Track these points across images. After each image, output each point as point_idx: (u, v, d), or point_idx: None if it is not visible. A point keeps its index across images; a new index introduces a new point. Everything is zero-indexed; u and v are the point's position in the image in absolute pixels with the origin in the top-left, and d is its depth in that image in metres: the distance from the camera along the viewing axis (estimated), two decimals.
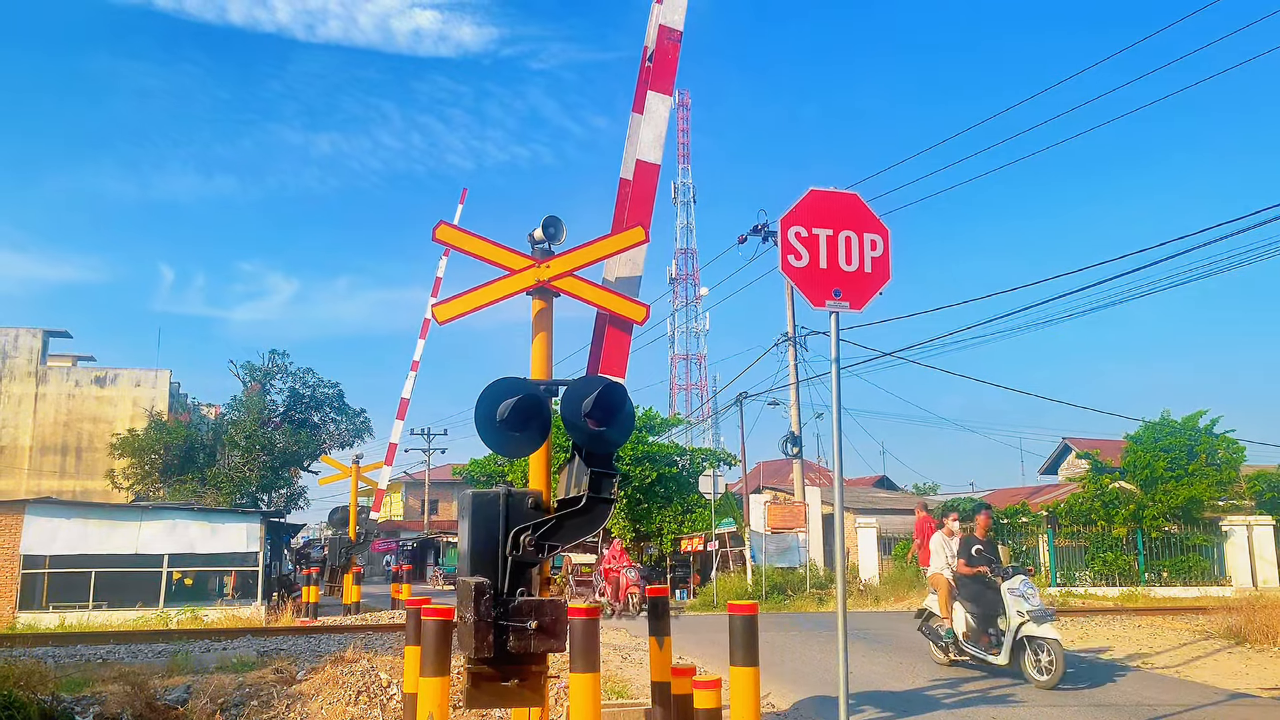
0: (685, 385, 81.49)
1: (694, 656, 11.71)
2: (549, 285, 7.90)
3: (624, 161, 8.69)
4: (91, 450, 42.16)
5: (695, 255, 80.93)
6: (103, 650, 14.28)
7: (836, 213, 7.08)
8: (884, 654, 12.70)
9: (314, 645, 14.34)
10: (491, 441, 7.10)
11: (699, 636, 13.74)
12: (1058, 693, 10.19)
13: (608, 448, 7.10)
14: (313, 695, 10.37)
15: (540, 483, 7.57)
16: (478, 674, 6.64)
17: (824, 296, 6.95)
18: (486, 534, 6.79)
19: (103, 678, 11.35)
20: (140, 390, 43.59)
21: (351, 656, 11.44)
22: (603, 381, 7.18)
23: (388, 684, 10.40)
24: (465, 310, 7.76)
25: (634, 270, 8.59)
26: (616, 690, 10.59)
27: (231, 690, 10.53)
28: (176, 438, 37.89)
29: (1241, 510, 28.24)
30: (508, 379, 7.13)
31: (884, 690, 10.44)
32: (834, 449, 6.96)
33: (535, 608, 6.59)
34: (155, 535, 25.81)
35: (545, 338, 7.95)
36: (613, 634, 13.93)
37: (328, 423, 41.94)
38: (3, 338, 42.98)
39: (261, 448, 37.64)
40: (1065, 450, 46.23)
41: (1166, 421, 29.79)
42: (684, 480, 33.03)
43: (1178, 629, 15.96)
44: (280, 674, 11.18)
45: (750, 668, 6.66)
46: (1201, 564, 26.84)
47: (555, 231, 7.97)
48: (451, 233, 8.02)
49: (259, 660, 12.70)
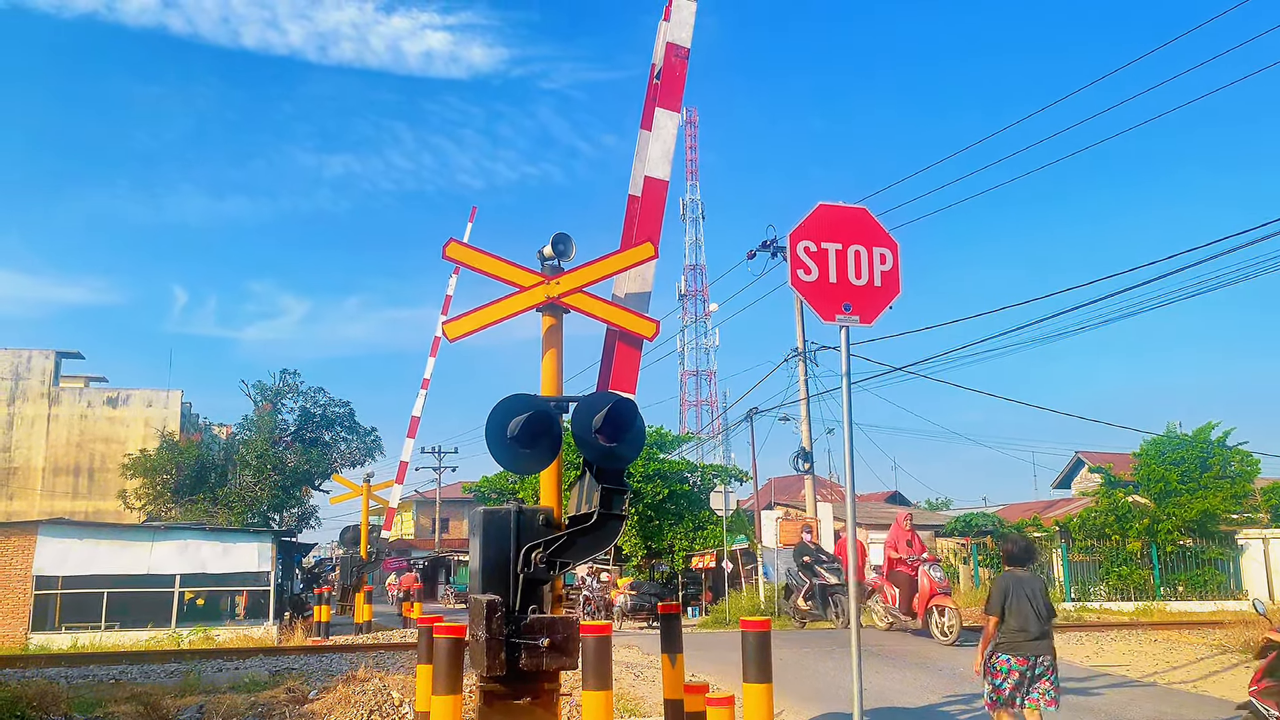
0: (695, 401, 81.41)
1: (706, 674, 11.65)
2: (558, 301, 7.91)
3: (633, 178, 8.72)
4: (104, 471, 42.31)
5: (704, 271, 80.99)
6: (115, 670, 14.28)
7: (845, 227, 7.08)
8: (898, 670, 12.63)
9: (326, 664, 14.32)
10: (502, 458, 7.10)
11: (711, 654, 13.67)
12: (1075, 708, 10.11)
13: (619, 464, 7.10)
14: (325, 714, 10.35)
15: (551, 499, 7.56)
16: (490, 692, 6.62)
17: (834, 311, 6.95)
18: (498, 551, 6.79)
19: (115, 698, 11.35)
20: (152, 410, 43.76)
21: (363, 675, 11.41)
22: (613, 398, 7.18)
23: (400, 703, 10.37)
24: (476, 327, 7.78)
25: (643, 286, 8.60)
26: (629, 708, 10.54)
27: (244, 710, 10.52)
28: (188, 457, 37.99)
29: (1257, 523, 28.01)
30: (518, 395, 7.14)
31: (899, 706, 10.37)
32: (845, 464, 6.94)
33: (547, 625, 6.57)
34: (167, 555, 25.85)
35: (555, 354, 7.96)
36: (624, 651, 13.88)
37: (339, 441, 42.02)
38: (16, 359, 43.21)
39: (273, 467, 37.71)
40: (1078, 464, 46.01)
41: (1174, 434, 29.61)
42: (695, 497, 32.95)
43: (1194, 643, 15.83)
44: (292, 693, 11.17)
45: (764, 684, 6.64)
46: (1217, 578, 26.60)
47: (565, 248, 8.00)
48: (461, 250, 8.05)
49: (271, 680, 12.68)
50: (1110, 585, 27.05)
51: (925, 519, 42.22)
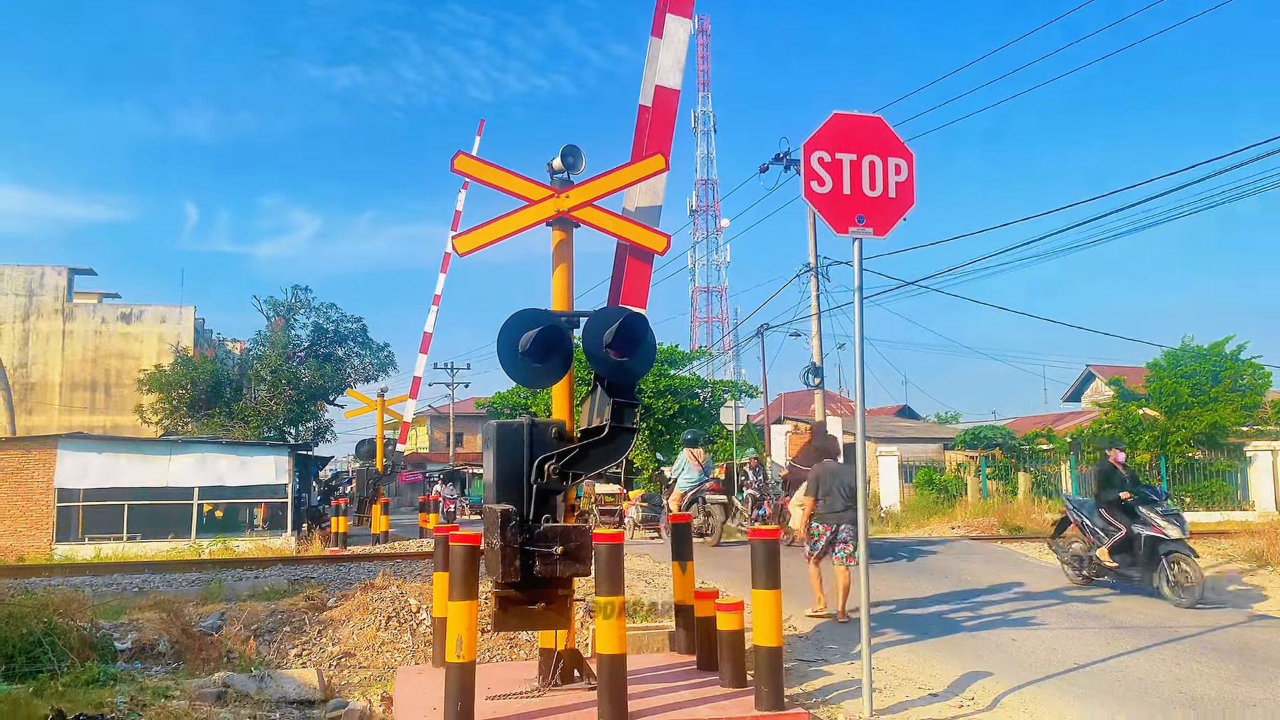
0: (706, 318, 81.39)
1: (716, 581, 11.87)
2: (568, 215, 7.87)
3: (643, 88, 8.58)
4: (120, 386, 42.67)
5: (716, 186, 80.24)
6: (138, 579, 14.61)
7: (860, 137, 6.98)
8: (905, 578, 12.84)
9: (344, 573, 14.62)
10: (514, 372, 7.15)
11: (721, 562, 13.91)
12: (1079, 615, 10.29)
13: (629, 378, 7.14)
14: (344, 621, 10.61)
15: (563, 413, 7.63)
16: (505, 598, 6.78)
17: (847, 223, 6.89)
18: (511, 463, 6.88)
19: (139, 606, 11.62)
20: (165, 326, 43.92)
21: (381, 583, 11.66)
22: (624, 312, 7.19)
23: (417, 609, 10.61)
24: (485, 242, 7.76)
25: (654, 200, 8.54)
26: (641, 614, 10.77)
27: (264, 617, 10.78)
28: (203, 373, 38.25)
29: (1267, 435, 28.09)
30: (529, 310, 7.15)
31: (906, 613, 10.57)
32: (856, 379, 6.97)
33: (561, 533, 6.69)
34: (185, 469, 26.23)
35: (566, 269, 7.94)
36: (636, 560, 14.12)
37: (352, 357, 42.25)
38: (29, 276, 43.29)
39: (287, 382, 37.99)
40: (1089, 377, 45.96)
41: (1189, 348, 29.54)
42: (705, 412, 33.15)
43: (1200, 553, 15.99)
44: (311, 601, 11.42)
45: (772, 590, 6.76)
46: (1225, 489, 26.79)
47: (574, 161, 7.92)
48: (470, 163, 7.98)
49: (290, 588, 12.96)
50: None
51: (934, 432, 42.43)
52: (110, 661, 9.34)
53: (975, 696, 7.24)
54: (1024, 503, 24.42)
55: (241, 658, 9.74)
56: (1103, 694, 7.16)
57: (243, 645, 9.99)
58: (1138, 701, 6.96)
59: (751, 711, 6.61)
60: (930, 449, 35.44)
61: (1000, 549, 16.37)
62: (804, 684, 7.93)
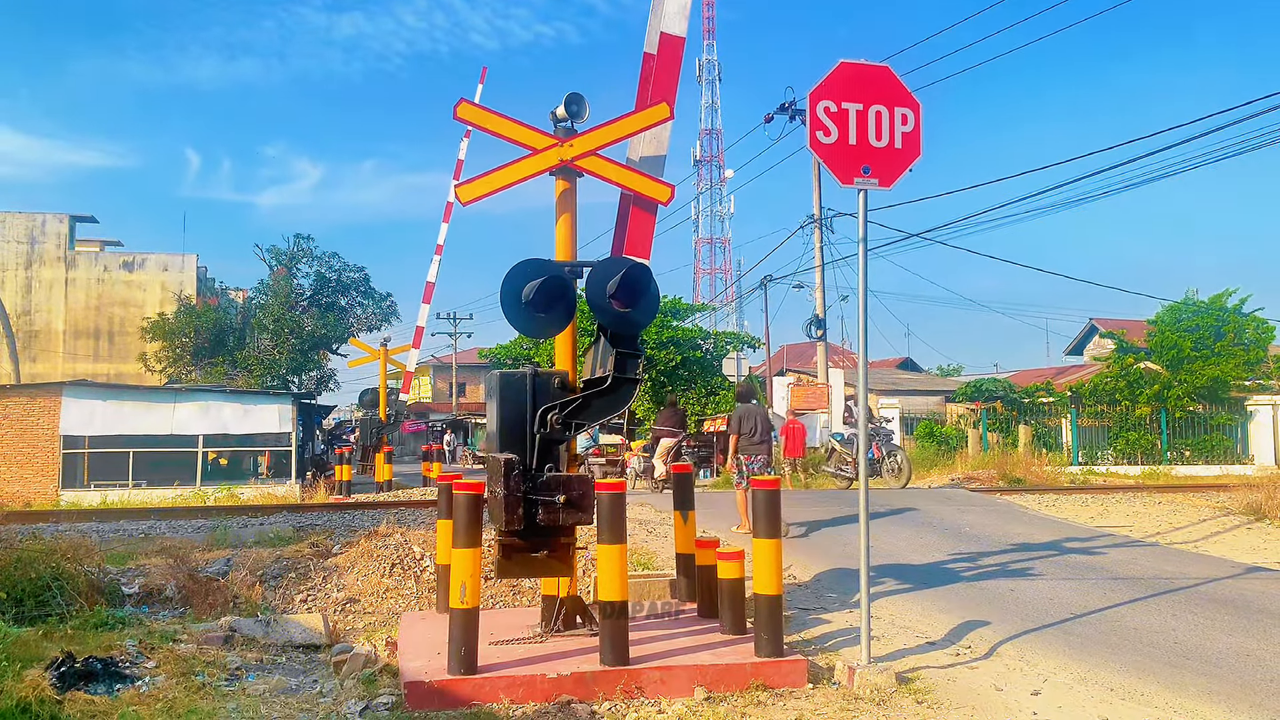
0: (710, 269, 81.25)
1: (717, 531, 11.97)
2: (572, 165, 7.82)
3: (648, 35, 8.48)
4: (123, 334, 42.73)
5: (720, 136, 79.61)
6: (144, 525, 14.72)
7: (867, 87, 6.90)
8: (905, 529, 12.94)
9: (348, 521, 14.73)
10: (517, 322, 7.15)
11: (722, 511, 14.01)
12: (1077, 566, 10.39)
13: (633, 329, 7.15)
14: (349, 567, 10.73)
15: (566, 363, 7.65)
16: (508, 546, 6.84)
17: (852, 174, 6.84)
18: (514, 412, 6.91)
19: (146, 551, 11.74)
20: (168, 274, 43.87)
21: (385, 531, 11.76)
22: (628, 263, 7.17)
23: (420, 556, 10.72)
24: (488, 191, 7.72)
25: (658, 149, 8.48)
26: (642, 562, 10.88)
27: (270, 563, 10.89)
28: (206, 321, 38.30)
29: (1269, 390, 28.14)
30: (533, 260, 7.14)
31: (905, 563, 10.67)
32: (859, 331, 6.96)
33: (563, 483, 6.75)
34: (190, 416, 26.34)
35: (569, 219, 7.91)
36: (638, 509, 14.23)
37: (354, 306, 42.30)
38: (30, 223, 43.16)
39: (290, 330, 38.05)
40: (1092, 331, 45.95)
41: (1191, 302, 29.48)
42: (708, 364, 33.21)
43: (1198, 506, 16.11)
44: (316, 548, 11.53)
45: (772, 539, 6.83)
46: (1225, 443, 26.90)
47: (578, 109, 7.85)
48: (473, 111, 7.92)
49: (295, 535, 13.07)
50: (1118, 450, 27.40)
51: (936, 384, 42.52)
52: (118, 606, 9.46)
53: (972, 645, 7.33)
54: (1024, 455, 24.54)
55: (248, 603, 9.85)
56: (1099, 644, 7.25)
57: (249, 590, 10.10)
58: (1133, 651, 7.05)
59: (751, 658, 6.71)
60: (932, 401, 35.55)
61: (1000, 501, 16.47)
62: (803, 631, 8.04)
